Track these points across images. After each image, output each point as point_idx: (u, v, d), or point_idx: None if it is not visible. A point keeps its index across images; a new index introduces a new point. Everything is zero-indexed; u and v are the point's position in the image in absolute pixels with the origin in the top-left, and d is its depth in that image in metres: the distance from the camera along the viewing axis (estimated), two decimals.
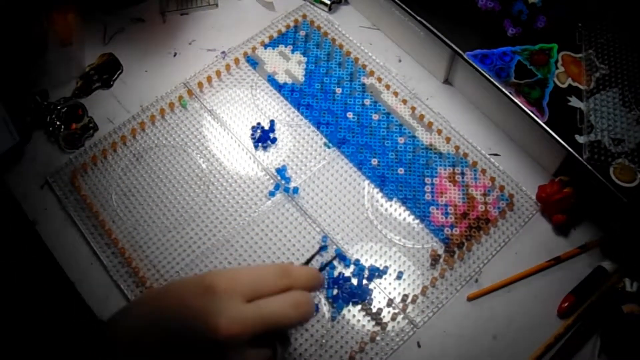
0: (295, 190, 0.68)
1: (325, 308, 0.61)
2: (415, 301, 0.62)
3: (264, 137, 0.71)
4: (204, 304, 0.45)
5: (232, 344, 0.44)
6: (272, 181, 0.69)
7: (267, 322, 0.45)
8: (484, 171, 0.69)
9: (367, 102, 0.74)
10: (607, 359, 0.59)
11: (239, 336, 0.44)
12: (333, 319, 0.61)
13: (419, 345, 0.60)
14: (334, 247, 0.65)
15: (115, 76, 0.76)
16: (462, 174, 0.69)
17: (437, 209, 0.67)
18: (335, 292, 0.62)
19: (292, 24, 0.80)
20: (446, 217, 0.66)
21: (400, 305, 0.62)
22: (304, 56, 0.77)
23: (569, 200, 0.65)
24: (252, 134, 0.72)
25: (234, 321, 0.44)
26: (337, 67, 0.77)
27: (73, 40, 0.73)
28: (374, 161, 0.70)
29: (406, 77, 0.77)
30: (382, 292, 0.62)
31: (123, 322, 0.49)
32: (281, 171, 0.69)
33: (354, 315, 0.61)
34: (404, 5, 0.72)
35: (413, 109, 0.73)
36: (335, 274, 0.63)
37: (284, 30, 0.80)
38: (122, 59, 0.77)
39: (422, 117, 0.73)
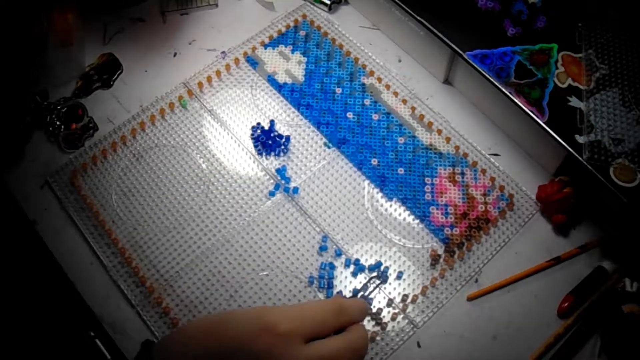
0: (295, 190, 0.68)
1: None
2: (415, 301, 0.62)
3: (266, 138, 0.71)
4: (266, 346, 0.44)
5: None
6: (272, 181, 0.69)
7: None
8: (484, 171, 0.69)
9: (367, 102, 0.74)
10: (607, 359, 0.59)
11: None
12: None
13: (419, 345, 0.60)
14: (334, 247, 0.65)
15: (115, 76, 0.76)
16: (462, 174, 0.69)
17: (437, 209, 0.67)
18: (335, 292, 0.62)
19: (292, 24, 0.80)
20: (446, 217, 0.66)
21: (400, 305, 0.62)
22: (304, 56, 0.77)
23: (568, 200, 0.65)
24: (252, 134, 0.72)
25: None
26: (337, 67, 0.77)
27: (73, 40, 0.73)
28: (374, 161, 0.70)
29: (406, 77, 0.77)
30: (382, 292, 0.62)
31: (172, 352, 0.47)
32: (281, 171, 0.69)
33: None
34: (404, 5, 0.72)
35: (413, 109, 0.73)
36: (335, 273, 0.63)
37: (284, 30, 0.80)
38: (122, 59, 0.77)
39: (422, 117, 0.73)
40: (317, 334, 0.46)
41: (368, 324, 0.61)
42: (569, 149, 0.63)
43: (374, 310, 0.61)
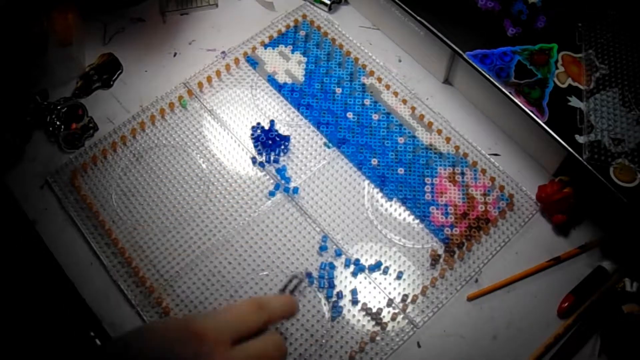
0: (296, 190, 0.68)
1: (325, 308, 0.61)
2: (415, 301, 0.62)
3: (266, 138, 0.71)
4: (195, 353, 0.44)
5: None
6: (272, 181, 0.69)
7: None
8: (484, 171, 0.69)
9: (367, 102, 0.74)
10: (607, 359, 0.59)
11: None
12: (333, 319, 0.61)
13: (419, 345, 0.60)
14: (334, 247, 0.65)
15: (115, 76, 0.76)
16: (462, 174, 0.69)
17: (437, 209, 0.67)
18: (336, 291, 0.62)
19: (292, 24, 0.80)
20: (446, 217, 0.66)
21: (400, 305, 0.62)
22: (304, 56, 0.77)
23: (568, 200, 0.65)
24: (252, 134, 0.72)
25: None
26: (337, 67, 0.77)
27: (73, 40, 0.73)
28: (374, 161, 0.70)
29: (406, 77, 0.77)
30: (382, 292, 0.62)
31: None
32: (281, 171, 0.69)
33: (354, 315, 0.61)
34: (404, 5, 0.72)
35: (413, 109, 0.73)
36: (335, 273, 0.63)
37: (284, 30, 0.80)
38: (122, 59, 0.77)
39: (422, 117, 0.73)
40: (242, 335, 0.47)
41: (368, 324, 0.61)
42: (569, 149, 0.63)
43: (374, 310, 0.61)
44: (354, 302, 0.62)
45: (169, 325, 0.48)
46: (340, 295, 0.62)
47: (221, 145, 0.71)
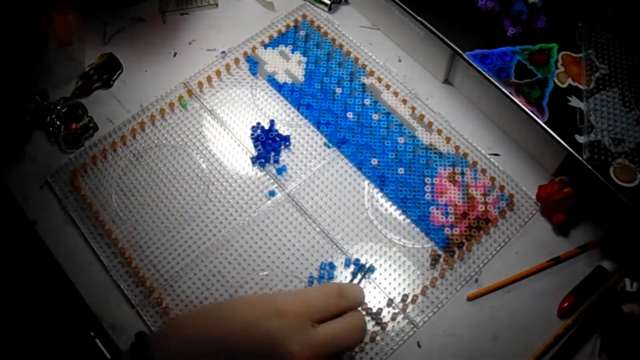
0: (281, 170, 0.68)
1: None
2: (415, 301, 0.62)
3: (266, 138, 0.71)
4: (277, 327, 0.47)
5: None
6: (272, 181, 0.69)
7: (335, 347, 0.49)
8: (484, 171, 0.69)
9: (367, 102, 0.74)
10: (607, 359, 0.59)
11: None
12: None
13: (419, 345, 0.60)
14: (334, 247, 0.65)
15: (115, 76, 0.76)
16: (462, 174, 0.69)
17: (437, 209, 0.67)
18: None
19: (292, 24, 0.80)
20: (446, 217, 0.66)
21: (400, 305, 0.62)
22: (304, 56, 0.77)
23: (568, 200, 0.65)
24: (252, 134, 0.72)
25: (307, 347, 0.47)
26: (337, 67, 0.77)
27: (73, 40, 0.73)
28: (374, 161, 0.70)
29: (406, 77, 0.77)
30: (382, 292, 0.62)
31: (170, 338, 0.49)
32: (281, 171, 0.69)
33: None
34: (404, 5, 0.72)
35: (413, 109, 0.73)
36: (335, 273, 0.63)
37: (284, 30, 0.80)
38: (122, 59, 0.77)
39: (422, 117, 0.73)
40: (323, 316, 0.49)
41: (368, 324, 0.61)
42: (569, 149, 0.63)
43: (374, 310, 0.61)
44: None
45: (257, 299, 0.51)
46: None
47: (221, 145, 0.71)
